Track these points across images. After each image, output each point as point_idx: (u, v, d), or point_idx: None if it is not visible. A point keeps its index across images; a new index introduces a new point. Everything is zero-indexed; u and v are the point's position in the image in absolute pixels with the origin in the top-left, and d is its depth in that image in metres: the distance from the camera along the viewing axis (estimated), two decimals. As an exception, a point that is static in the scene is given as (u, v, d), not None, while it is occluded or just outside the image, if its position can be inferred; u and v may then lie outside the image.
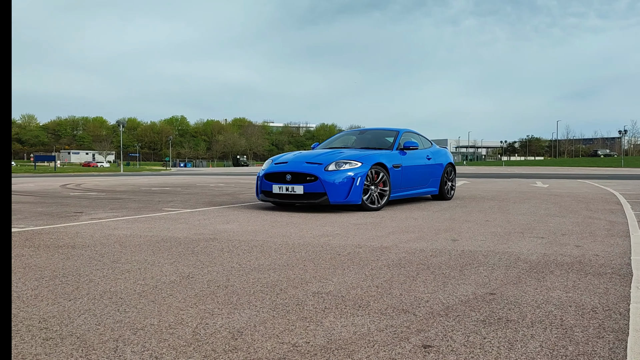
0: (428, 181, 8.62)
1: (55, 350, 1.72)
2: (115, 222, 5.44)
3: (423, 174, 8.49)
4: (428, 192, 8.73)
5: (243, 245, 3.98)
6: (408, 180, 8.09)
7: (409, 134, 8.65)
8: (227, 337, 1.86)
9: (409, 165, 8.12)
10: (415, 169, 8.30)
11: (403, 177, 7.90)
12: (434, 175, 8.77)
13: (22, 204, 7.78)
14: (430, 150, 8.89)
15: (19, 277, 2.82)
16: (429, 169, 8.64)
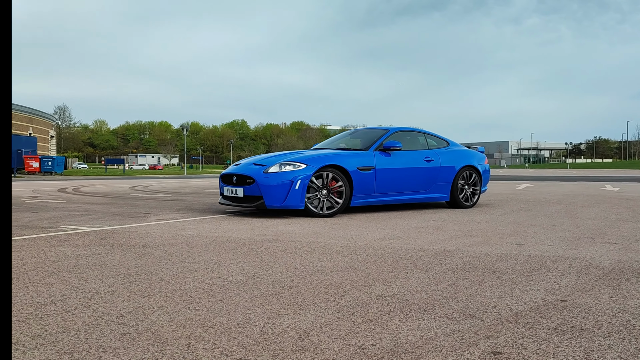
0: (430, 186, 7.67)
1: (133, 345, 1.81)
2: (182, 223, 5.64)
3: (418, 177, 7.56)
4: (432, 199, 7.75)
5: (305, 247, 4.02)
6: (391, 185, 7.29)
7: (400, 134, 7.77)
8: (294, 337, 1.89)
9: (391, 167, 7.28)
10: (403, 172, 7.42)
11: (380, 181, 7.14)
12: (439, 179, 7.75)
13: (96, 205, 8.19)
14: (435, 152, 7.86)
15: (96, 274, 2.98)
16: (429, 172, 7.66)
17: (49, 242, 4.18)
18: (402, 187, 7.40)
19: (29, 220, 5.81)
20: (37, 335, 1.91)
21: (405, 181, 7.43)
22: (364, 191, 6.97)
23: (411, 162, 7.53)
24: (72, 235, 4.64)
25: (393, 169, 7.29)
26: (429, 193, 7.69)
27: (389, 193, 7.28)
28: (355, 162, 6.89)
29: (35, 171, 35.33)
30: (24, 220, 5.80)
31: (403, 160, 7.44)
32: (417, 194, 7.58)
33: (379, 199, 7.19)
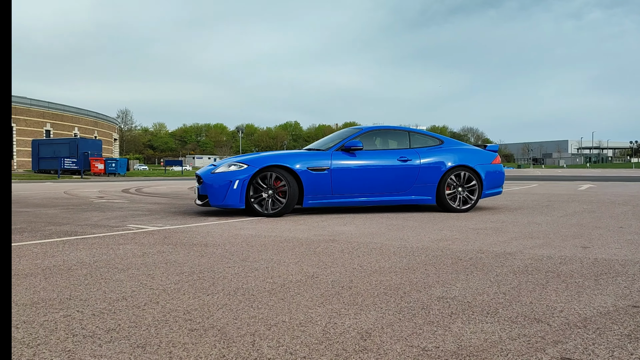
0: (408, 187, 7.19)
1: (200, 341, 1.87)
2: (240, 223, 5.76)
3: (388, 178, 7.11)
4: (412, 201, 7.25)
5: (362, 247, 4.03)
6: (352, 186, 6.97)
7: (373, 133, 7.44)
8: (356, 337, 1.91)
9: (352, 168, 6.96)
10: (367, 173, 7.03)
11: (338, 182, 6.88)
12: (420, 180, 7.22)
13: (158, 205, 8.50)
14: (415, 151, 7.33)
15: (162, 271, 3.10)
16: (404, 172, 7.16)
17: (117, 241, 4.37)
18: (367, 188, 7.06)
19: (98, 220, 6.10)
20: (111, 329, 2.01)
21: (372, 182, 7.07)
22: (319, 192, 6.83)
23: (379, 162, 7.14)
24: (138, 234, 4.83)
25: (354, 169, 6.99)
26: (408, 195, 7.23)
27: (351, 194, 7.01)
28: (305, 163, 6.78)
29: (100, 172, 36.98)
30: (93, 220, 6.10)
31: (369, 161, 7.10)
32: (391, 196, 7.18)
33: (339, 200, 6.95)
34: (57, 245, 4.15)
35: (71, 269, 3.17)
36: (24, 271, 3.12)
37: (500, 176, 7.71)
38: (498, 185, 7.73)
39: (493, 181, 7.60)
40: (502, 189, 7.86)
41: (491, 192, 7.65)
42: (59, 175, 34.09)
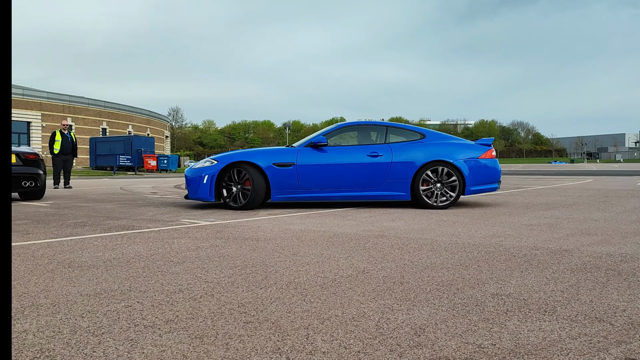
0: (380, 183, 7.08)
1: (255, 333, 1.91)
2: (290, 218, 5.83)
3: (357, 174, 7.08)
4: (386, 197, 7.12)
5: (412, 243, 4.00)
6: (318, 181, 7.06)
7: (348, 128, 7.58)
8: (409, 332, 1.90)
9: (318, 164, 7.06)
10: (333, 168, 7.07)
11: (304, 177, 7.03)
12: (392, 176, 7.07)
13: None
14: (388, 146, 7.19)
15: (216, 265, 3.18)
16: (373, 168, 7.07)
17: (172, 235, 4.51)
18: (335, 183, 7.09)
19: (153, 215, 6.30)
20: (170, 320, 2.08)
21: (339, 178, 7.09)
22: (285, 187, 7.02)
23: (346, 158, 7.14)
24: (191, 228, 4.97)
25: (320, 165, 7.07)
26: (380, 191, 7.12)
27: (318, 189, 7.09)
28: (271, 159, 7.03)
29: (153, 169, 38.13)
30: (148, 215, 6.30)
31: (336, 157, 7.14)
32: (361, 192, 7.13)
33: (306, 194, 7.09)
34: (116, 238, 4.32)
35: (130, 262, 3.29)
36: (87, 263, 3.26)
37: (491, 171, 7.28)
38: (489, 182, 7.29)
39: (480, 177, 7.18)
40: (497, 185, 7.41)
41: (480, 189, 7.22)
42: (115, 171, 35.36)
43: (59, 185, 13.55)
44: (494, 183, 7.35)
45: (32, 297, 2.45)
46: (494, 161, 7.32)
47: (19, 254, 3.62)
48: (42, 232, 4.72)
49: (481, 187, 7.22)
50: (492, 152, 7.35)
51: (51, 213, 6.57)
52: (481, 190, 7.25)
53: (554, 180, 16.34)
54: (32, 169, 8.71)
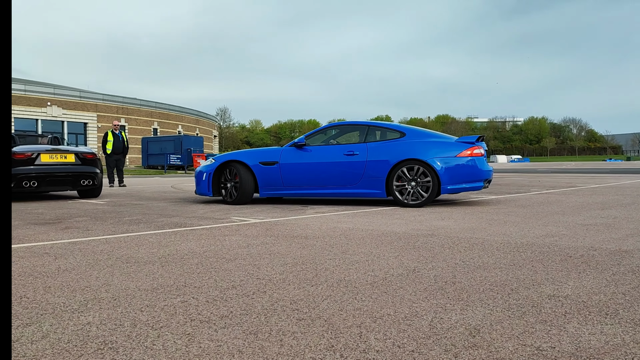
0: (357, 181, 7.22)
1: (309, 331, 1.93)
2: (337, 216, 5.84)
3: (334, 172, 7.33)
4: (363, 194, 7.23)
5: (462, 243, 3.93)
6: (299, 179, 7.49)
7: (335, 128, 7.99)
8: (464, 333, 1.87)
9: (298, 162, 7.50)
10: (312, 167, 7.44)
11: (286, 175, 7.53)
12: (367, 174, 7.16)
13: (256, 197, 8.81)
14: (365, 145, 7.29)
15: (267, 262, 3.22)
16: (349, 166, 7.26)
17: (223, 232, 4.60)
18: (315, 181, 7.44)
19: (203, 212, 6.44)
20: (224, 316, 2.13)
21: (318, 176, 7.41)
22: (271, 184, 7.59)
23: (324, 157, 7.44)
24: (242, 226, 5.05)
25: (300, 164, 7.49)
26: (357, 188, 7.25)
27: (299, 187, 7.52)
28: (257, 158, 7.68)
29: (201, 168, 38.88)
30: (199, 212, 6.45)
31: (316, 156, 7.48)
32: (340, 189, 7.35)
33: (289, 191, 7.57)
34: (170, 235, 4.45)
35: (184, 258, 3.38)
36: (143, 259, 3.37)
37: (470, 170, 7.02)
38: (469, 180, 7.06)
39: (458, 176, 6.99)
40: (481, 184, 7.13)
41: (458, 188, 7.03)
42: (165, 170, 36.35)
43: (114, 184, 14.05)
44: (475, 182, 7.10)
45: (94, 291, 2.55)
46: (473, 159, 7.05)
47: (80, 249, 3.78)
48: (101, 229, 4.91)
49: (459, 186, 7.03)
50: (474, 150, 7.09)
51: (108, 210, 6.82)
52: (460, 190, 7.08)
53: (610, 179, 15.69)
54: (90, 168, 9.07)
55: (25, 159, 8.36)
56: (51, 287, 2.65)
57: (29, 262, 3.30)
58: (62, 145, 9.50)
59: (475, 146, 7.12)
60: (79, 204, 7.94)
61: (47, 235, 4.56)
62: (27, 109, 44.63)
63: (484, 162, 7.17)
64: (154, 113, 56.41)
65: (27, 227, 5.10)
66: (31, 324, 2.05)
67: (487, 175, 7.20)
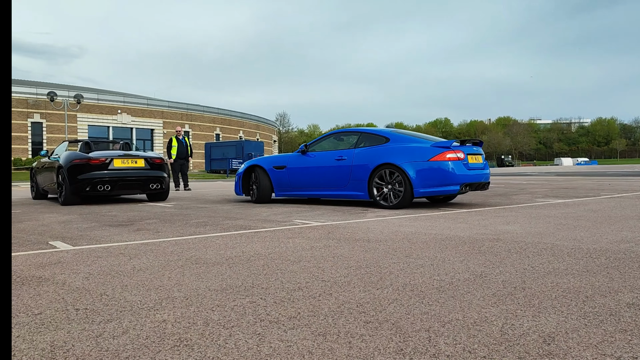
0: (346, 184, 7.74)
1: (376, 333, 1.94)
2: (398, 220, 5.80)
3: (327, 176, 7.96)
4: (351, 196, 7.72)
5: (530, 248, 3.81)
6: (302, 182, 8.27)
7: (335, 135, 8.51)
8: (537, 340, 1.82)
9: (301, 167, 8.28)
10: (310, 171, 8.18)
11: (292, 178, 8.37)
12: (353, 178, 7.62)
13: (323, 201, 8.89)
14: (352, 151, 7.76)
15: (330, 265, 3.25)
16: (339, 170, 7.81)
17: (286, 235, 4.68)
18: (314, 184, 8.14)
19: (266, 215, 6.57)
20: (292, 316, 2.17)
21: (315, 179, 8.10)
22: (282, 186, 8.53)
23: (321, 162, 8.08)
24: (304, 229, 5.12)
25: (302, 168, 8.26)
26: (347, 191, 7.77)
27: (303, 188, 8.29)
28: (272, 162, 8.69)
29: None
30: (262, 215, 6.58)
31: (314, 161, 8.17)
32: (334, 191, 7.93)
33: (295, 192, 8.42)
34: (235, 237, 4.57)
35: (250, 260, 3.47)
36: (211, 260, 3.48)
37: (443, 174, 7.04)
38: (442, 184, 7.07)
39: (430, 179, 7.08)
40: (456, 188, 7.07)
41: (430, 191, 7.13)
42: (228, 174, 37.27)
43: (180, 188, 14.56)
44: (448, 186, 7.09)
45: (167, 290, 2.66)
46: (446, 163, 7.05)
47: (152, 250, 3.95)
48: (170, 231, 5.11)
49: (432, 189, 7.13)
50: (447, 155, 7.09)
51: (175, 213, 7.08)
52: (433, 193, 7.17)
53: (691, 181, 14.71)
54: (158, 172, 9.45)
55: (100, 164, 8.82)
56: (128, 285, 2.79)
57: (106, 262, 3.49)
58: (133, 151, 9.95)
59: (449, 150, 7.13)
60: (149, 207, 8.29)
61: (121, 236, 4.79)
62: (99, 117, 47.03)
63: (460, 166, 7.15)
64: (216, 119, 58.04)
65: (103, 229, 5.38)
66: (112, 320, 2.17)
67: (465, 179, 7.15)
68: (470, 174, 7.25)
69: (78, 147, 9.81)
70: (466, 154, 7.30)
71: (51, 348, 1.85)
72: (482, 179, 7.52)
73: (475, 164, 7.45)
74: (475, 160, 7.48)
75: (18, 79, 58.37)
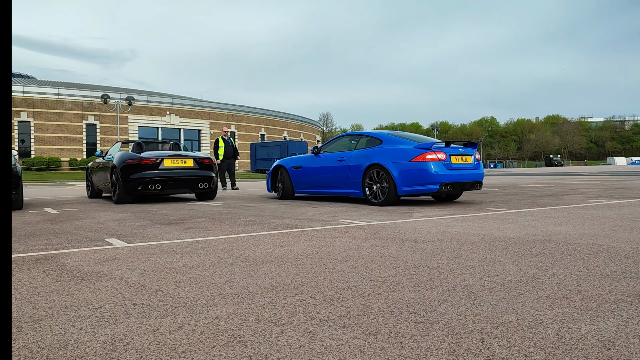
0: (345, 183, 8.44)
1: (428, 334, 1.92)
2: (446, 220, 5.72)
3: (331, 175, 8.69)
4: (349, 194, 8.48)
5: (585, 249, 3.69)
6: (313, 180, 9.06)
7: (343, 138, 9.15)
8: (597, 345, 1.77)
9: (312, 167, 9.08)
10: (319, 170, 8.92)
11: (306, 177, 9.18)
12: (351, 177, 8.35)
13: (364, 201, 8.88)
14: (351, 152, 8.46)
15: (378, 264, 3.25)
16: (340, 170, 8.52)
17: (332, 234, 4.70)
18: (322, 182, 8.91)
19: (312, 215, 6.61)
20: (342, 315, 2.18)
21: (323, 178, 8.86)
22: (300, 184, 9.35)
23: (327, 162, 8.83)
24: (350, 228, 5.12)
25: (313, 168, 9.04)
26: (346, 189, 8.46)
27: (314, 187, 9.11)
28: (292, 163, 9.53)
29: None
30: (308, 214, 6.63)
31: (323, 161, 8.92)
32: (337, 189, 8.66)
33: (309, 190, 9.27)
34: (283, 236, 4.62)
35: (298, 258, 3.50)
36: (260, 258, 3.54)
37: (422, 174, 7.45)
38: (422, 183, 7.49)
39: (411, 179, 7.54)
40: (435, 187, 7.44)
41: (412, 189, 7.59)
42: (271, 174, 37.64)
43: (227, 187, 14.82)
44: (428, 185, 7.48)
45: (219, 287, 2.72)
46: (426, 164, 7.44)
47: (203, 248, 4.05)
48: (219, 229, 5.22)
49: (413, 188, 7.57)
50: (427, 156, 7.47)
51: (224, 212, 7.22)
52: (414, 191, 7.62)
53: None
54: (207, 172, 9.66)
55: (151, 164, 9.09)
56: (181, 282, 2.87)
57: (159, 259, 3.60)
58: (182, 151, 10.21)
59: (429, 152, 7.54)
60: (197, 206, 8.48)
61: (172, 234, 4.93)
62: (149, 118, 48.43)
63: (440, 167, 7.49)
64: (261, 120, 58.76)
65: (155, 227, 5.54)
66: (167, 315, 2.24)
67: (445, 179, 7.47)
68: (451, 174, 7.56)
69: (130, 148, 10.14)
70: (448, 155, 7.62)
71: (112, 341, 1.93)
72: (468, 179, 7.79)
73: (460, 164, 7.75)
74: (461, 161, 7.78)
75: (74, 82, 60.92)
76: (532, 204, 7.89)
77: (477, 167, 8.04)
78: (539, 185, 14.65)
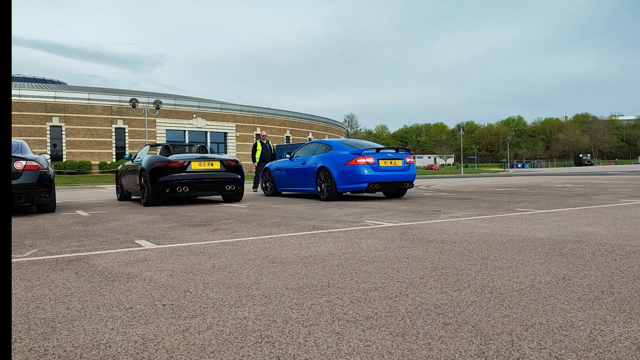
0: (307, 182, 10.32)
1: (456, 335, 1.91)
2: (473, 221, 5.66)
3: (298, 176, 10.66)
4: (309, 191, 10.34)
5: (617, 250, 3.61)
6: (289, 180, 11.05)
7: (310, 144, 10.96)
8: (631, 348, 1.73)
9: (286, 168, 11.13)
10: (291, 172, 10.91)
11: (282, 178, 11.32)
12: (309, 177, 10.22)
13: (386, 202, 8.84)
14: (311, 157, 10.35)
15: (405, 266, 3.23)
16: (302, 172, 10.46)
17: (359, 235, 4.69)
18: (293, 182, 10.89)
19: (338, 216, 6.62)
20: (369, 316, 2.18)
21: (294, 178, 10.84)
22: (280, 184, 11.47)
23: (295, 165, 10.77)
24: (376, 229, 5.11)
25: (287, 169, 11.09)
26: (307, 187, 10.34)
27: (289, 185, 11.09)
28: (275, 165, 11.70)
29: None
30: (334, 216, 6.64)
31: (293, 164, 10.87)
32: (302, 187, 10.57)
33: (286, 188, 11.25)
34: (309, 237, 4.64)
35: (324, 260, 3.51)
36: (287, 259, 3.56)
37: (354, 175, 9.20)
38: (353, 182, 9.25)
39: (346, 179, 9.32)
40: (363, 185, 9.16)
41: (347, 187, 9.37)
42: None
43: (258, 189, 14.94)
44: (359, 183, 9.22)
45: (246, 288, 2.75)
46: (356, 167, 9.19)
47: (230, 249, 4.09)
48: (246, 231, 5.26)
49: (348, 186, 9.37)
50: (357, 160, 9.21)
51: (250, 214, 7.28)
52: (348, 189, 9.40)
53: None
54: (233, 174, 9.75)
55: (179, 166, 9.22)
56: (209, 283, 2.91)
57: (187, 260, 3.65)
58: (209, 154, 10.32)
59: (360, 156, 9.28)
60: (224, 208, 8.57)
61: (200, 236, 4.99)
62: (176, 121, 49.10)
63: (369, 169, 9.20)
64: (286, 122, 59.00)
65: (183, 229, 5.62)
66: (196, 316, 2.27)
67: (372, 179, 9.17)
68: (378, 174, 9.25)
69: (158, 151, 10.29)
70: (377, 159, 9.30)
71: (143, 341, 1.96)
72: (395, 179, 9.43)
73: (388, 167, 9.39)
74: (390, 164, 9.42)
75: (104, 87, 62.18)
76: (562, 204, 7.75)
77: (407, 169, 9.67)
78: (568, 185, 14.37)
